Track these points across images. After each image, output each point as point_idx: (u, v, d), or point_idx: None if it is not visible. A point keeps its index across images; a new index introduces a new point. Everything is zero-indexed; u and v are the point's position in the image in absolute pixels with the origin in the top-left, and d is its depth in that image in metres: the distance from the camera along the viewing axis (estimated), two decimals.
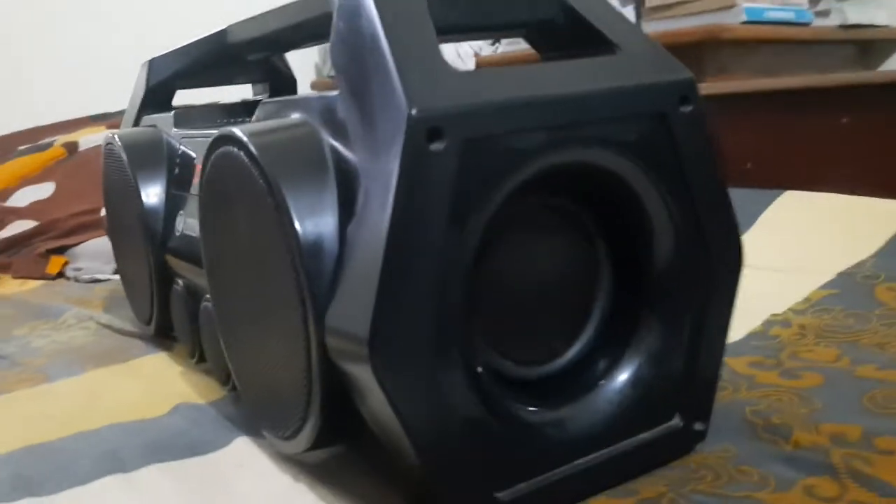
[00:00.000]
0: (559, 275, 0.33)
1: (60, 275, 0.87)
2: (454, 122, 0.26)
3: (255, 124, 0.34)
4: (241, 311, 0.36)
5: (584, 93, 0.29)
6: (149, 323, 0.54)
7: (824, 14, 1.70)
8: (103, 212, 1.02)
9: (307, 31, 0.43)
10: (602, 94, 0.30)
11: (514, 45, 1.86)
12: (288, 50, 0.55)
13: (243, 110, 0.54)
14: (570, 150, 0.30)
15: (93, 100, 1.66)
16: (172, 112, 0.52)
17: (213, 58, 0.54)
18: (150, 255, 0.50)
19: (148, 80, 0.58)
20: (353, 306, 0.27)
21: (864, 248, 0.57)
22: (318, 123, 0.32)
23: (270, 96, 0.64)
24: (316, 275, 0.29)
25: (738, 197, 0.34)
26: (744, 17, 1.47)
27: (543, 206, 0.32)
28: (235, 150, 0.33)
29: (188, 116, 0.52)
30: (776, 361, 0.43)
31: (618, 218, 0.33)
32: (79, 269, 0.86)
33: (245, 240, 0.33)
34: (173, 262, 0.48)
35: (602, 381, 0.33)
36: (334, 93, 0.31)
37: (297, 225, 0.29)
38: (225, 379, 0.43)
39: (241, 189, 0.32)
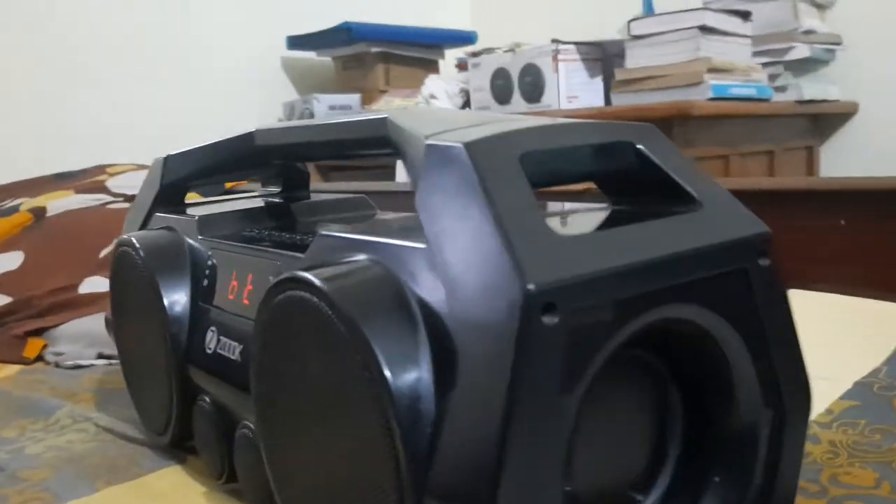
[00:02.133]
0: (638, 424, 0.33)
1: (39, 358, 0.83)
2: (567, 295, 0.26)
3: (327, 269, 0.33)
4: (303, 457, 0.34)
5: (679, 253, 0.29)
6: (162, 433, 0.51)
7: (782, 90, 1.77)
8: (82, 288, 1.00)
9: (357, 149, 0.42)
10: (695, 254, 0.30)
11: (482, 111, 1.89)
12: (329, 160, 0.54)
13: (268, 215, 0.53)
14: (664, 308, 0.30)
15: (52, 158, 1.62)
16: (196, 217, 0.51)
17: (235, 158, 0.53)
18: (172, 368, 0.48)
19: (162, 177, 0.57)
20: (467, 478, 0.26)
21: (875, 353, 0.58)
22: (393, 270, 0.31)
23: (283, 191, 0.63)
24: (412, 435, 0.28)
25: None
26: (711, 94, 1.52)
27: (626, 358, 0.32)
28: (307, 294, 0.32)
29: (213, 223, 0.51)
30: (819, 488, 0.43)
31: (694, 366, 0.33)
32: (60, 354, 0.82)
33: (317, 390, 0.32)
34: (201, 378, 0.46)
35: None
36: (410, 242, 0.31)
37: (390, 381, 0.28)
38: None
39: (315, 336, 0.31)
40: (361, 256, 0.34)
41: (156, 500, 0.47)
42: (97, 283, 0.99)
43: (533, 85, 1.75)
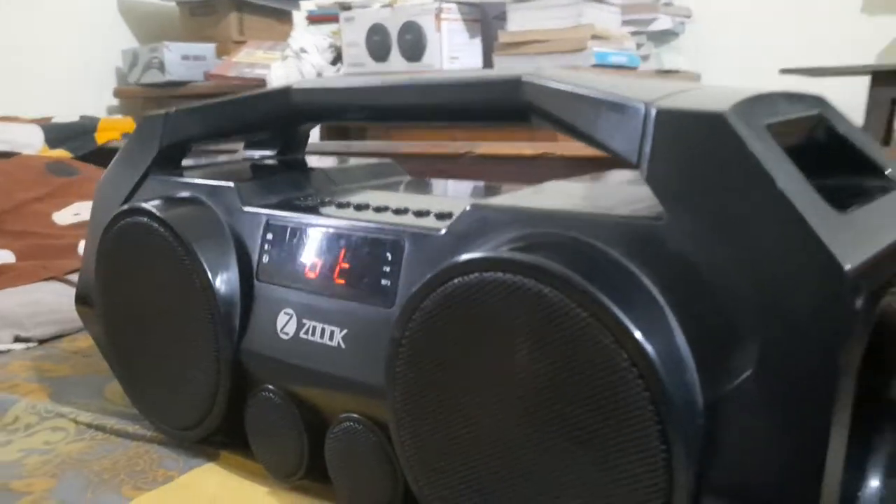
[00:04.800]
0: None
1: None
2: (867, 276, 0.25)
3: (566, 262, 0.29)
4: (488, 459, 0.31)
5: None
6: (192, 428, 0.45)
7: (645, 59, 1.86)
8: None
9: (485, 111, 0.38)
10: None
11: (356, 68, 1.83)
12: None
13: (309, 182, 0.48)
14: None
15: None
16: (233, 185, 0.45)
17: (259, 117, 0.47)
18: (221, 355, 0.42)
19: (162, 136, 0.49)
20: (770, 474, 0.25)
21: None
22: (619, 251, 0.29)
23: (280, 153, 0.57)
24: (685, 436, 0.26)
25: None
26: (594, 60, 1.56)
27: None
28: (534, 282, 0.28)
29: (255, 191, 0.45)
30: None
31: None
32: None
33: (519, 389, 0.29)
34: (267, 366, 0.41)
35: None
36: (644, 217, 0.28)
37: (666, 388, 0.26)
38: None
39: (540, 331, 0.28)
40: (551, 230, 0.31)
41: None
42: None
43: (414, 43, 1.71)
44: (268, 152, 0.58)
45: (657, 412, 0.26)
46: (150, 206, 0.45)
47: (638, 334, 0.26)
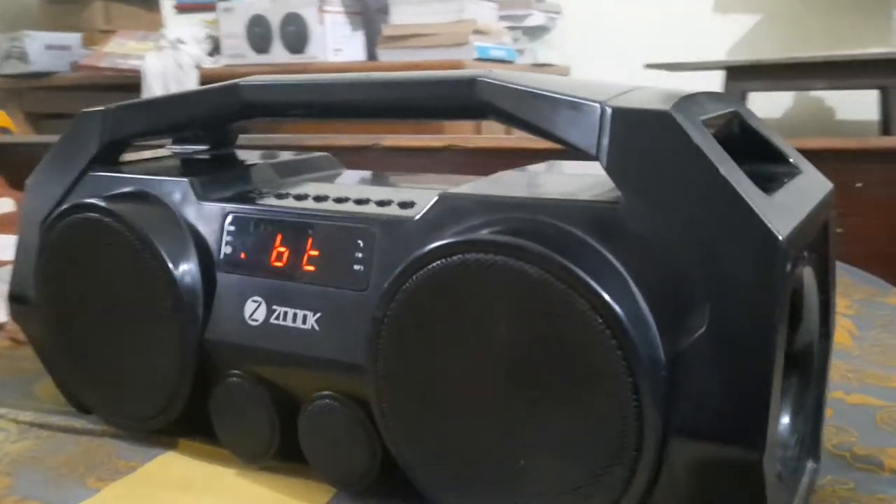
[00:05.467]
0: None
1: None
2: (793, 244, 0.31)
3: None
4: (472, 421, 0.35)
5: (816, 207, 0.35)
6: (154, 417, 0.46)
7: (522, 53, 1.94)
8: None
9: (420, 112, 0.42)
10: (814, 209, 0.36)
11: (236, 59, 1.81)
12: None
13: (255, 176, 0.50)
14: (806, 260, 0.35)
15: None
16: (187, 180, 0.46)
17: (208, 113, 0.48)
18: (186, 344, 0.44)
19: (102, 133, 0.50)
20: (725, 415, 0.30)
21: None
22: (583, 231, 0.33)
23: (212, 148, 0.58)
24: (653, 385, 0.30)
25: None
26: (476, 55, 1.62)
27: None
28: (514, 261, 0.32)
29: (209, 185, 0.46)
30: None
31: None
32: None
33: (501, 357, 0.33)
34: (233, 352, 0.43)
35: None
36: (604, 201, 0.33)
37: (635, 345, 0.30)
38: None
39: (520, 304, 0.32)
40: (519, 216, 0.35)
41: (187, 491, 0.43)
42: None
43: (297, 35, 1.71)
44: (199, 147, 0.59)
45: (628, 366, 0.30)
46: (101, 202, 0.45)
47: (610, 300, 0.30)
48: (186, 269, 0.44)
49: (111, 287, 0.46)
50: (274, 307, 0.42)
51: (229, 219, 0.44)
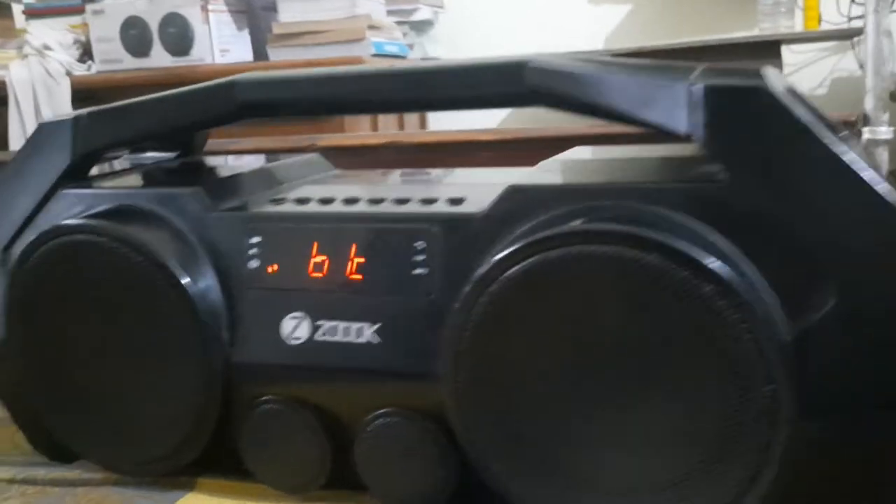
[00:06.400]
0: None
1: None
2: None
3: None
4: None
5: None
6: (166, 458, 0.41)
7: (412, 47, 1.92)
8: None
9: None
10: None
11: (111, 65, 1.69)
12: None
13: (258, 181, 0.45)
14: None
15: None
16: (192, 190, 0.41)
17: (203, 117, 0.44)
18: (211, 372, 0.39)
19: (74, 144, 0.44)
20: (867, 386, 0.29)
21: None
22: (684, 213, 0.32)
23: (181, 155, 0.53)
24: (785, 366, 0.30)
25: None
26: (373, 50, 1.59)
27: None
28: (629, 250, 0.30)
29: (218, 195, 0.42)
30: None
31: None
32: None
33: (608, 350, 0.31)
34: (270, 376, 0.39)
35: None
36: (704, 182, 0.32)
37: (765, 328, 0.29)
38: None
39: (636, 294, 0.30)
40: (607, 203, 0.33)
41: None
42: None
43: (178, 36, 1.61)
44: (165, 155, 0.53)
45: (759, 349, 0.29)
46: (92, 221, 0.40)
47: (736, 283, 0.29)
48: (205, 289, 0.39)
49: (112, 317, 0.40)
50: (320, 322, 0.38)
51: (253, 229, 0.40)
